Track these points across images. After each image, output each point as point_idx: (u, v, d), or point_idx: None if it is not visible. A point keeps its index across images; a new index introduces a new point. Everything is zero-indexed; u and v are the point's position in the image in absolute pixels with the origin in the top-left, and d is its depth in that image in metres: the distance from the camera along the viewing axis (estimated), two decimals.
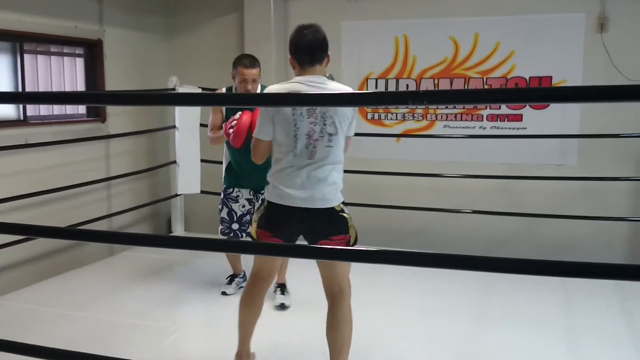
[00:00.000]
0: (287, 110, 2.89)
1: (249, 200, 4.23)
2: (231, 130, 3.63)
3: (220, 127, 4.04)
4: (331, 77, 3.13)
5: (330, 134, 2.90)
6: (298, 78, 2.95)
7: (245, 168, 4.09)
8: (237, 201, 4.23)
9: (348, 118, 2.93)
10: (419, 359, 3.47)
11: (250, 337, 3.14)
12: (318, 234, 2.92)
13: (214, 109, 4.20)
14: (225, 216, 4.26)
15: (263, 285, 3.10)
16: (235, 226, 4.25)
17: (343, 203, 2.98)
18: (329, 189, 2.91)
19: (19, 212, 4.62)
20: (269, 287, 3.18)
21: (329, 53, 3.02)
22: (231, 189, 4.25)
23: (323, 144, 2.89)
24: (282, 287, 4.22)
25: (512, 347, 3.56)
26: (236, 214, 4.24)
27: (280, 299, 4.12)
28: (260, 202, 3.63)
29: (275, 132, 2.93)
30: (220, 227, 4.30)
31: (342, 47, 5.82)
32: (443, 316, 4.02)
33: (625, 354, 3.47)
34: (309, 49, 2.95)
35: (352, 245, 2.91)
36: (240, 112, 3.66)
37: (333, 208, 2.91)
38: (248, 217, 4.21)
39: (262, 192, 3.87)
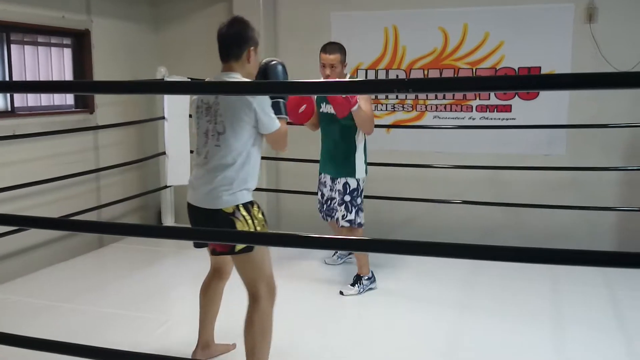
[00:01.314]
0: (194, 107, 2.95)
1: (330, 187, 4.33)
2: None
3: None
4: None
5: (219, 133, 2.83)
6: (216, 74, 2.97)
7: (324, 154, 4.36)
8: (325, 185, 4.39)
9: (241, 118, 2.79)
10: (405, 349, 3.48)
11: (207, 328, 3.19)
12: None
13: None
14: (319, 198, 4.46)
15: (217, 281, 3.16)
16: (324, 208, 4.43)
17: (246, 206, 2.84)
18: (217, 189, 2.81)
19: (6, 204, 4.58)
20: (223, 284, 3.20)
21: (252, 48, 2.93)
22: (321, 174, 4.44)
23: (213, 143, 2.85)
24: (356, 277, 4.25)
25: (499, 337, 3.58)
26: (323, 197, 4.41)
27: (346, 288, 4.20)
28: None
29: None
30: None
31: (331, 37, 5.79)
32: (429, 306, 4.03)
33: (613, 343, 3.50)
34: (220, 43, 2.95)
35: (243, 252, 2.80)
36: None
37: (220, 210, 2.81)
38: (330, 202, 4.34)
39: (338, 180, 4.17)
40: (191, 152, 5.61)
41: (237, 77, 2.89)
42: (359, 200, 4.20)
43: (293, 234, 1.81)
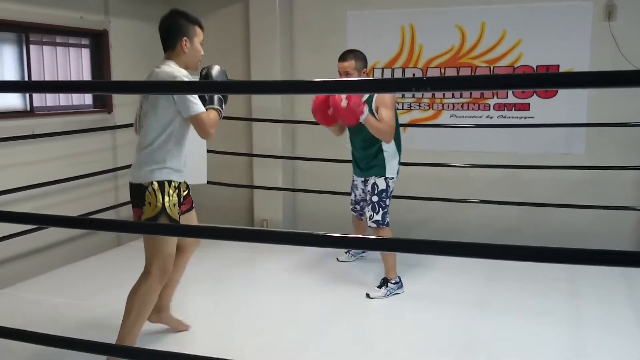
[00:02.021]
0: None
1: (362, 189, 4.41)
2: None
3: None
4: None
5: (144, 115, 3.10)
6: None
7: (354, 158, 4.41)
8: (357, 188, 4.48)
9: (159, 100, 3.01)
10: (421, 348, 3.46)
11: (162, 294, 3.32)
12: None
13: None
14: (352, 198, 4.57)
15: (178, 253, 3.32)
16: (357, 208, 4.55)
17: (161, 183, 3.05)
18: (138, 165, 3.09)
19: (25, 203, 4.63)
20: (184, 258, 3.44)
21: (185, 39, 3.10)
22: (353, 176, 4.51)
23: (141, 124, 3.13)
24: (383, 280, 4.21)
25: (517, 337, 3.55)
26: (355, 197, 4.53)
27: (372, 290, 4.18)
28: None
29: None
30: None
31: (348, 36, 5.80)
32: (446, 306, 4.01)
33: (631, 344, 3.46)
34: (159, 35, 3.17)
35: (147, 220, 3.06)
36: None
37: (141, 184, 3.06)
38: (362, 204, 4.46)
39: (368, 181, 4.19)
40: (208, 151, 5.65)
41: (171, 65, 3.09)
42: (387, 201, 4.18)
43: (292, 232, 1.80)
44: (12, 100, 4.80)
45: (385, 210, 4.17)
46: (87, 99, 5.54)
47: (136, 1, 5.89)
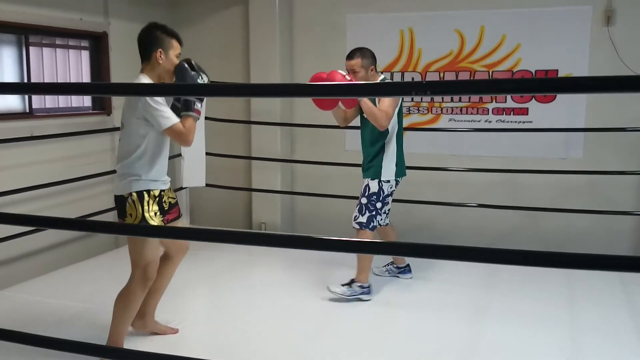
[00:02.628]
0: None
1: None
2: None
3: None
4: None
5: (122, 128, 3.19)
6: None
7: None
8: None
9: (131, 114, 3.08)
10: (417, 353, 3.46)
11: (147, 300, 3.37)
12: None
13: None
14: None
15: (164, 259, 3.39)
16: None
17: (140, 193, 3.11)
18: (119, 178, 3.15)
19: (23, 205, 4.63)
20: (170, 266, 3.44)
21: (160, 50, 3.14)
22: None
23: (120, 136, 3.23)
24: (350, 280, 4.14)
25: (514, 342, 3.55)
26: None
27: (334, 285, 4.12)
28: None
29: None
30: None
31: (347, 39, 5.80)
32: (443, 310, 4.01)
33: (630, 350, 3.46)
34: (137, 46, 3.23)
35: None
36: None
37: (122, 195, 3.14)
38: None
39: (363, 180, 4.12)
40: (207, 153, 5.66)
41: (144, 78, 3.16)
42: (378, 205, 4.09)
43: (284, 234, 1.80)
44: (11, 102, 4.80)
45: (373, 213, 4.08)
46: (86, 101, 5.54)
47: (136, 3, 5.90)
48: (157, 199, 3.17)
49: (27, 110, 4.89)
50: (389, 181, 4.12)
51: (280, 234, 2.31)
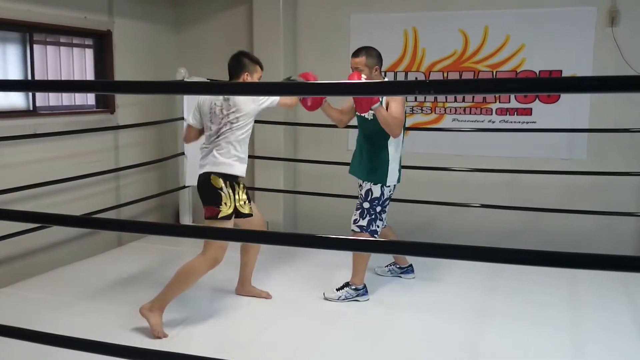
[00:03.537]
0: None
1: (359, 190, 4.18)
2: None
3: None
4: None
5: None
6: None
7: (354, 155, 4.31)
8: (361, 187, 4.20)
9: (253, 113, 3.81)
10: (419, 354, 3.46)
11: (241, 271, 4.13)
12: None
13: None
14: None
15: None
16: None
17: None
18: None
19: (26, 203, 4.64)
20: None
21: (247, 73, 3.77)
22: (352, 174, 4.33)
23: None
24: (345, 284, 4.14)
25: (517, 342, 3.55)
26: None
27: (330, 292, 4.13)
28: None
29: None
30: None
31: (351, 39, 5.80)
32: (445, 311, 4.01)
33: (633, 352, 3.45)
34: (227, 69, 3.82)
35: (208, 219, 3.73)
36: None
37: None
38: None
39: (363, 184, 4.10)
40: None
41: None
42: (378, 209, 4.05)
43: (295, 233, 1.80)
44: (15, 100, 4.81)
45: (373, 217, 4.05)
46: (90, 99, 5.55)
47: (140, 2, 5.90)
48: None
49: (31, 108, 4.90)
50: (389, 186, 4.10)
51: (283, 233, 2.33)
